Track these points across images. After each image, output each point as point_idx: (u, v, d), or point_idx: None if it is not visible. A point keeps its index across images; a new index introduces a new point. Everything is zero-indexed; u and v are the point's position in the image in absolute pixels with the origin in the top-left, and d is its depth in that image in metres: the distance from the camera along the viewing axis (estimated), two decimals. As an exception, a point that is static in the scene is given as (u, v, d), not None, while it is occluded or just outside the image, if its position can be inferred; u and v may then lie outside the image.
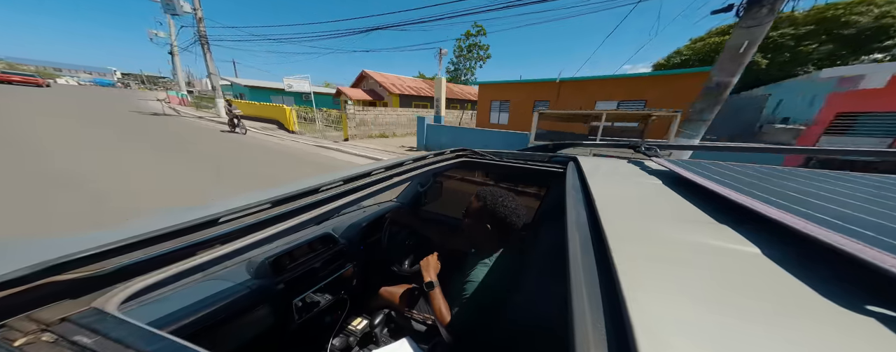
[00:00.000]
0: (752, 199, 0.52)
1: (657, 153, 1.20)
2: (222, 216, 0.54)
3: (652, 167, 1.02)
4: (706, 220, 0.52)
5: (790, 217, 0.41)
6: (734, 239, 0.43)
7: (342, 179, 0.80)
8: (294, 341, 1.15)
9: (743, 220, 0.49)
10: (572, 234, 0.49)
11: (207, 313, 0.85)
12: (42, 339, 0.33)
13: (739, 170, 0.83)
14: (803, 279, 0.32)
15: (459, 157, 1.39)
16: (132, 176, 4.61)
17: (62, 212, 3.17)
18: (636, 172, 0.95)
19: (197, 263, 0.48)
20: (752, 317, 0.27)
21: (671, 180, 0.81)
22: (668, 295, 0.30)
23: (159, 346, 0.33)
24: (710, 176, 0.72)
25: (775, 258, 0.37)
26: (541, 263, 0.91)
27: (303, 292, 1.16)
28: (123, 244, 0.42)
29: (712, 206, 0.57)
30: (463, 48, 31.35)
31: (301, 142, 9.37)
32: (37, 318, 0.35)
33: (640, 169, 1.00)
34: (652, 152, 1.20)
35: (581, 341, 0.27)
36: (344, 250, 1.38)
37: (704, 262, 0.38)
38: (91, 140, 7.16)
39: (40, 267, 0.35)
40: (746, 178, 0.72)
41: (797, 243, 0.39)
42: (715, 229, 0.48)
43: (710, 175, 0.74)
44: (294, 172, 5.72)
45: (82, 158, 5.42)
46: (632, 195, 0.72)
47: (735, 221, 0.49)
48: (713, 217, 0.52)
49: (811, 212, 0.44)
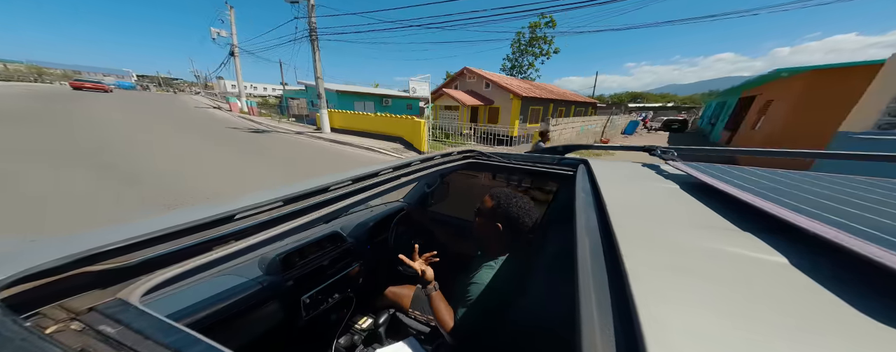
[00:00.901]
0: (778, 206, 0.49)
1: (674, 157, 1.14)
2: (238, 213, 0.55)
3: (668, 171, 0.98)
4: (727, 227, 0.49)
5: (821, 226, 0.39)
6: (758, 247, 0.41)
7: (351, 178, 0.81)
8: (301, 338, 1.17)
9: (769, 228, 0.46)
10: (581, 238, 0.48)
11: (221, 308, 0.87)
12: (71, 327, 0.34)
13: (765, 175, 0.79)
14: (837, 293, 0.30)
15: (467, 158, 1.39)
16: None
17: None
18: (651, 176, 0.92)
19: (213, 258, 0.50)
20: (776, 332, 0.25)
21: (689, 185, 0.78)
22: (684, 305, 0.29)
23: (176, 338, 0.33)
24: (732, 181, 0.69)
25: (805, 269, 0.35)
26: (547, 266, 0.90)
27: (311, 289, 1.18)
28: (148, 238, 0.44)
29: (734, 212, 0.54)
30: (522, 42, 25.54)
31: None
32: (67, 307, 0.37)
33: (656, 173, 0.97)
34: (669, 156, 1.15)
35: (588, 346, 0.26)
36: (351, 249, 1.39)
37: (725, 270, 0.36)
38: (237, 169, 5.62)
39: (74, 258, 0.37)
40: (773, 183, 0.69)
41: (829, 254, 0.36)
42: (737, 237, 0.45)
43: (733, 180, 0.70)
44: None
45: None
46: (646, 200, 0.70)
47: (760, 229, 0.46)
48: (735, 224, 0.50)
49: (845, 221, 0.41)
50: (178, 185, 4.35)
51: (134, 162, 5.39)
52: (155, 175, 4.71)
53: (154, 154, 6.13)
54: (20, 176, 4.14)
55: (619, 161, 1.22)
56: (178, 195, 3.94)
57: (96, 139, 7.13)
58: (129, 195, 3.84)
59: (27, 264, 0.35)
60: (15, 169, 4.44)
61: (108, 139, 7.26)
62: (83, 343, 0.32)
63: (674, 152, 1.17)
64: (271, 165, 6.05)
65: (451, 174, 1.62)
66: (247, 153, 7.06)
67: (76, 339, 0.32)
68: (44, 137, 7.02)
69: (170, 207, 3.57)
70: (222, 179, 4.83)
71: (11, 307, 0.32)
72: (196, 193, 4.06)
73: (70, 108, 13.69)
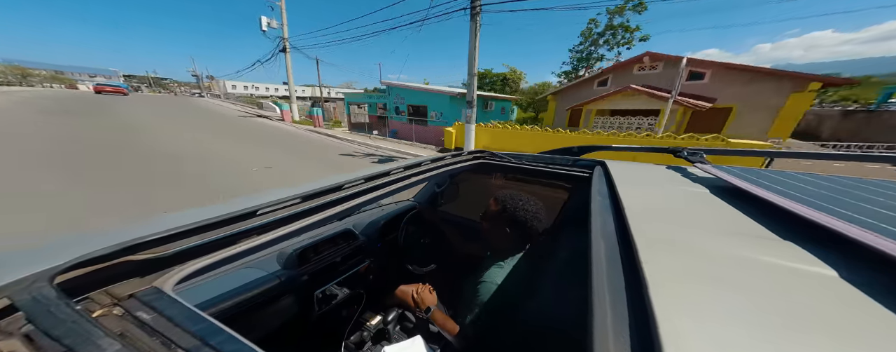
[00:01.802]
0: (827, 214, 0.44)
1: (703, 159, 1.07)
2: (260, 209, 0.59)
3: (697, 175, 0.92)
4: (765, 235, 0.45)
5: (878, 238, 0.35)
6: (802, 258, 0.37)
7: (363, 177, 0.84)
8: (313, 333, 1.20)
9: (814, 238, 0.42)
10: (596, 241, 0.46)
11: (242, 300, 0.92)
12: (113, 312, 0.37)
13: (809, 180, 0.73)
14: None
15: (477, 159, 1.38)
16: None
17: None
18: (676, 180, 0.87)
19: (238, 251, 0.53)
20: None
21: (720, 190, 0.73)
22: (710, 315, 0.27)
23: (202, 327, 0.35)
24: (771, 186, 0.63)
25: (858, 284, 0.31)
26: (560, 269, 0.88)
27: (324, 284, 1.21)
28: (181, 230, 0.47)
29: (773, 220, 0.50)
30: (593, 32, 20.79)
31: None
32: (112, 293, 0.40)
33: (682, 176, 0.91)
34: (696, 158, 1.08)
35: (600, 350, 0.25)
36: (363, 247, 1.41)
37: (761, 282, 0.33)
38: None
39: (119, 247, 0.41)
40: (819, 189, 0.63)
41: (890, 271, 0.32)
42: (776, 246, 0.41)
43: (772, 185, 0.65)
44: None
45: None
46: (669, 204, 0.67)
47: (803, 239, 0.42)
48: (774, 232, 0.45)
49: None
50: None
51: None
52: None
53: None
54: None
55: (641, 163, 1.17)
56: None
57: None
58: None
59: (80, 252, 0.38)
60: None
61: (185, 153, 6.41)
62: (123, 328, 0.34)
63: (702, 154, 1.11)
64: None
65: (461, 174, 1.62)
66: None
67: (117, 324, 0.35)
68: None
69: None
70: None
71: (66, 291, 0.35)
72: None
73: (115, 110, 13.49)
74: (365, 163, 7.28)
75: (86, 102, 18.00)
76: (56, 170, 4.74)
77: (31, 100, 17.33)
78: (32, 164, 4.97)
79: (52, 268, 0.36)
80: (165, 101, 28.74)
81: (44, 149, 6.03)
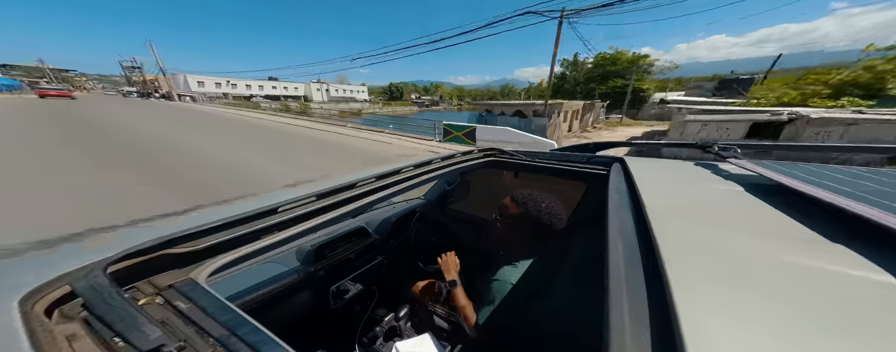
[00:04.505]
0: (889, 214, 0.38)
1: (737, 154, 0.97)
2: (280, 206, 0.62)
3: (730, 171, 0.85)
4: (812, 237, 0.41)
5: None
6: (856, 263, 0.33)
7: (375, 175, 0.86)
8: (328, 327, 1.24)
9: (872, 240, 0.37)
10: (614, 241, 0.45)
11: (264, 293, 0.97)
12: (155, 301, 0.40)
13: (867, 175, 0.65)
14: None
15: (488, 156, 1.36)
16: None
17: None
18: (705, 177, 0.80)
19: (262, 246, 0.56)
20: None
21: (756, 187, 0.66)
22: (743, 322, 0.24)
23: (230, 317, 0.37)
24: (820, 183, 0.56)
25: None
26: (575, 270, 0.86)
27: (338, 280, 1.24)
28: (212, 226, 0.51)
29: (822, 221, 0.45)
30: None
31: None
32: (154, 283, 0.43)
33: (712, 173, 0.84)
34: (730, 153, 0.98)
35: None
36: (375, 244, 1.43)
37: (807, 288, 0.29)
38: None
39: (161, 240, 0.45)
40: (879, 186, 0.56)
41: None
42: (825, 249, 0.37)
43: (821, 182, 0.58)
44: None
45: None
46: (696, 202, 0.62)
47: (857, 242, 0.37)
48: (822, 234, 0.41)
49: None
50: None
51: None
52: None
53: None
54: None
55: (664, 159, 1.10)
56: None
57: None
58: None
59: (129, 245, 0.43)
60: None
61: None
62: (163, 316, 0.37)
63: (737, 149, 1.01)
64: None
65: (471, 172, 1.62)
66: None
67: (159, 311, 0.38)
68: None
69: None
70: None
71: (117, 280, 0.39)
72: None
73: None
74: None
75: (56, 112, 13.04)
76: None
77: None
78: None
79: (106, 258, 0.40)
80: (133, 104, 23.76)
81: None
